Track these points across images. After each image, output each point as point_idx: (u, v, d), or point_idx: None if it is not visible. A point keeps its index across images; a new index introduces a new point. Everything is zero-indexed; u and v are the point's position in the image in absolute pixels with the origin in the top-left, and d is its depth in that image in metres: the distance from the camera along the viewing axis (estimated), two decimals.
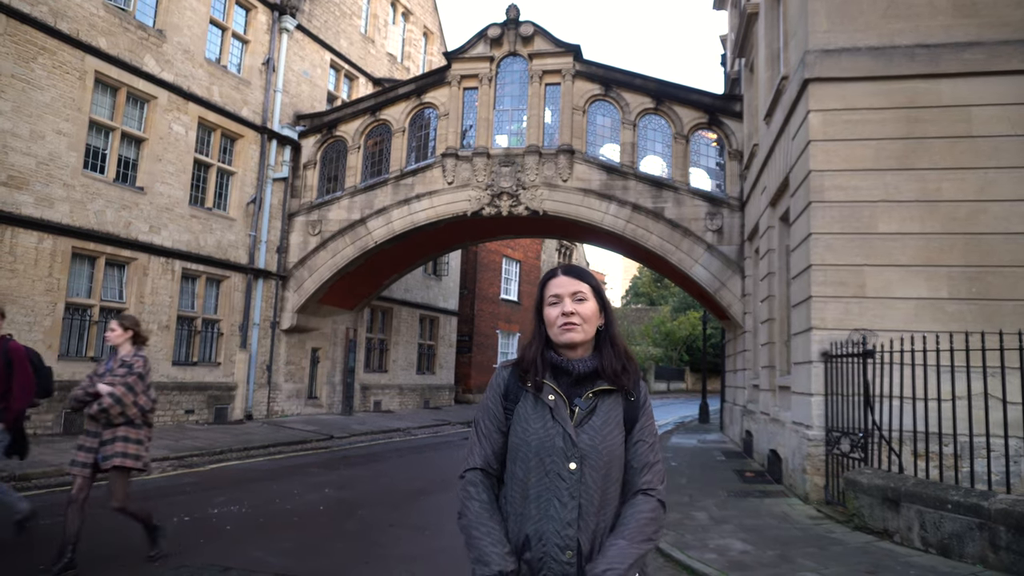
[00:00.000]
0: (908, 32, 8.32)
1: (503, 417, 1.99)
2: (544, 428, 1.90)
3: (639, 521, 1.88)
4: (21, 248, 11.55)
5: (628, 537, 1.84)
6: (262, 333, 16.74)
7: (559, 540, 1.84)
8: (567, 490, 1.85)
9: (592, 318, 1.98)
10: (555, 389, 1.94)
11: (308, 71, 18.24)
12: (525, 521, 1.88)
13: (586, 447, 1.88)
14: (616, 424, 1.94)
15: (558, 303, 1.97)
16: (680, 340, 52.59)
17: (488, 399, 2.04)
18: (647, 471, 1.95)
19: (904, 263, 7.98)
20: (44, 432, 11.82)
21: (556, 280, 2.00)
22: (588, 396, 1.94)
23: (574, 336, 1.94)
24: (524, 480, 1.90)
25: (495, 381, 2.05)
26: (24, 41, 11.48)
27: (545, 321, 1.99)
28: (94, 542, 5.69)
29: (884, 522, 6.49)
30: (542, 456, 1.88)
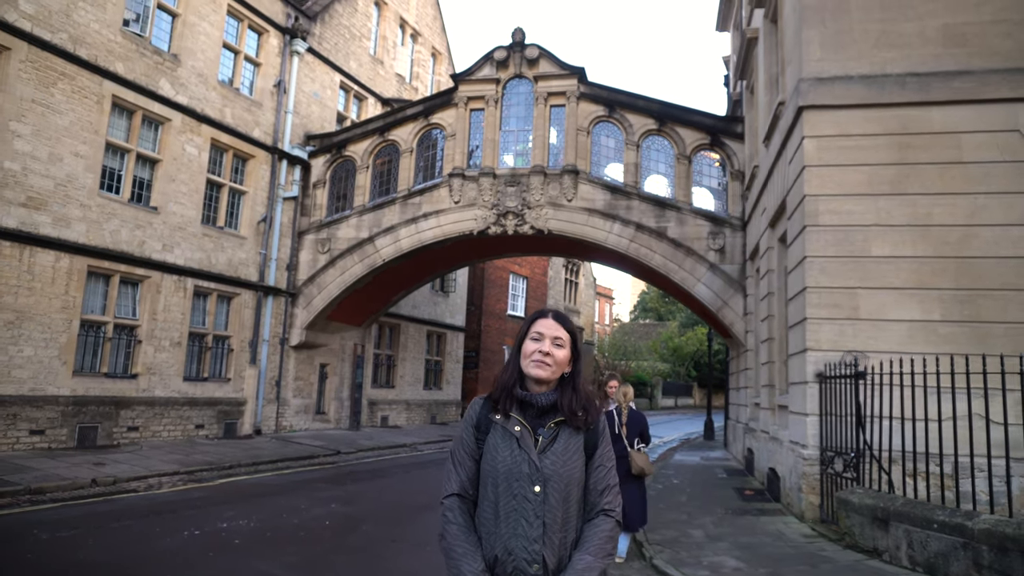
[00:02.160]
0: (899, 61, 8.55)
1: (475, 446, 2.22)
2: (511, 456, 2.13)
3: (601, 538, 2.12)
4: (39, 267, 11.89)
5: (593, 552, 2.09)
6: (271, 349, 17.02)
7: (526, 555, 2.06)
8: (532, 511, 2.08)
9: (563, 363, 2.22)
10: (521, 421, 2.18)
11: (318, 92, 18.65)
12: (496, 539, 2.10)
13: (549, 472, 2.11)
14: (576, 451, 2.18)
15: (539, 341, 2.21)
16: (688, 356, 52.54)
17: (463, 431, 2.28)
18: (607, 493, 2.19)
19: (897, 286, 8.16)
20: (58, 446, 12.10)
21: (544, 320, 2.25)
22: (550, 426, 2.18)
23: (542, 373, 2.18)
24: (495, 502, 2.13)
25: (469, 414, 2.30)
26: (45, 67, 11.89)
27: (522, 352, 2.23)
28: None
29: (874, 541, 6.63)
30: (510, 481, 2.11)
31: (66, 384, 12.32)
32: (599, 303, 58.35)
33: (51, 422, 12.06)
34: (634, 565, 6.72)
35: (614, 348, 52.44)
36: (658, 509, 9.25)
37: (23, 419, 11.65)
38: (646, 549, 7.02)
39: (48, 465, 10.49)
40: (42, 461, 10.75)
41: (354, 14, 20.02)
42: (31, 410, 11.76)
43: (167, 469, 11.08)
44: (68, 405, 12.32)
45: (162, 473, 10.83)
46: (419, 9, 23.41)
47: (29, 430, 11.73)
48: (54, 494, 9.07)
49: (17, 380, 11.60)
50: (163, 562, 6.01)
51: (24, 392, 11.68)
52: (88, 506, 8.43)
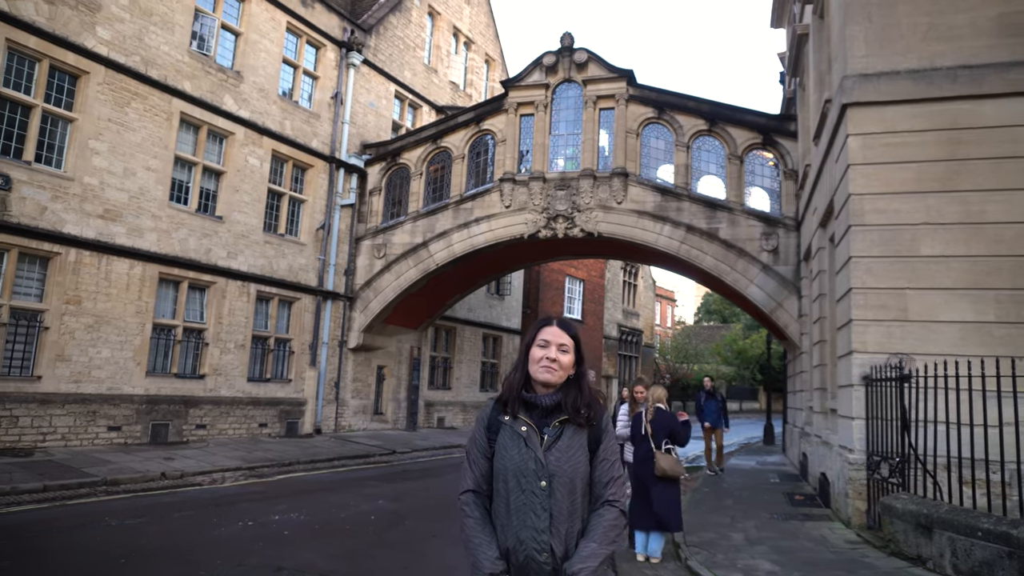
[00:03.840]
0: (950, 54, 8.27)
1: (487, 446, 2.41)
2: (519, 454, 2.32)
3: (605, 527, 2.29)
4: (115, 274, 12.74)
5: (597, 540, 2.26)
6: (330, 351, 17.64)
7: (536, 544, 2.24)
8: (540, 504, 2.26)
9: (568, 367, 2.40)
10: (527, 421, 2.36)
11: (374, 102, 19.24)
12: (509, 530, 2.29)
13: (554, 467, 2.29)
14: (580, 447, 2.34)
15: (546, 347, 2.38)
16: (752, 359, 51.19)
17: (476, 432, 2.47)
18: (612, 485, 2.36)
19: (948, 286, 7.89)
20: (133, 442, 12.92)
21: (550, 328, 2.42)
22: (555, 425, 2.35)
23: (551, 378, 2.37)
24: (506, 497, 2.32)
25: (480, 416, 2.49)
26: (120, 88, 12.75)
27: (530, 358, 2.41)
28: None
29: (918, 548, 6.46)
30: (519, 477, 2.29)
31: (140, 384, 13.14)
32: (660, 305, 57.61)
33: (127, 419, 12.90)
34: (669, 566, 6.76)
35: (676, 351, 51.68)
36: (701, 512, 9.22)
37: (102, 416, 12.50)
38: (683, 550, 7.03)
39: (123, 459, 11.23)
40: (118, 455, 11.52)
41: (408, 25, 20.56)
42: (109, 408, 12.61)
43: (230, 465, 11.68)
44: (142, 403, 13.14)
45: (225, 468, 11.43)
46: (472, 17, 23.82)
47: (107, 426, 12.57)
48: (127, 486, 9.72)
49: (97, 380, 12.45)
50: (216, 549, 6.42)
51: (103, 391, 12.53)
52: (155, 497, 9.02)
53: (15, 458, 10.51)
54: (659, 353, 48.85)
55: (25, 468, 9.79)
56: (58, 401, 11.82)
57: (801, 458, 13.55)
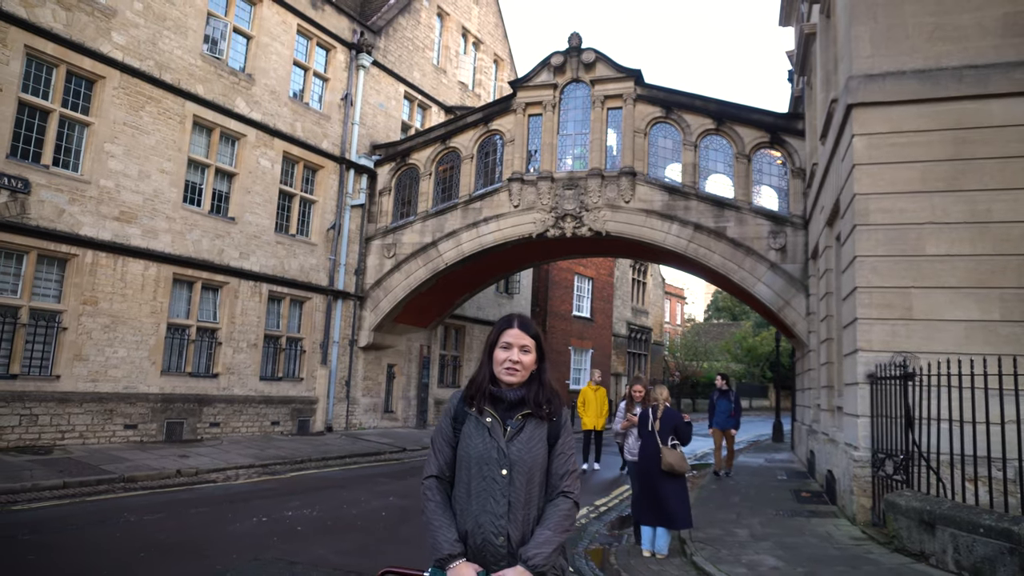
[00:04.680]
0: (956, 54, 8.31)
1: (452, 435, 2.55)
2: (483, 443, 2.46)
3: (560, 516, 2.42)
4: (130, 275, 12.96)
5: (552, 528, 2.39)
6: (341, 350, 17.83)
7: (494, 529, 2.37)
8: (500, 490, 2.40)
9: (530, 366, 2.54)
10: (492, 413, 2.50)
11: (383, 103, 19.40)
12: (468, 515, 2.43)
13: (515, 457, 2.43)
14: (540, 440, 2.49)
15: (508, 349, 2.52)
16: (762, 356, 51.11)
17: (442, 421, 2.61)
18: (567, 477, 2.49)
19: (953, 285, 7.94)
20: (149, 440, 13.15)
21: (511, 331, 2.55)
22: (518, 418, 2.50)
23: (513, 379, 2.52)
24: (468, 483, 2.45)
25: (447, 407, 2.62)
26: (134, 92, 12.97)
27: (493, 359, 2.55)
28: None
29: (921, 544, 6.54)
30: (481, 465, 2.44)
31: (155, 383, 13.37)
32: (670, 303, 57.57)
33: (142, 417, 13.13)
34: (674, 561, 6.86)
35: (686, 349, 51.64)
36: (707, 508, 9.31)
37: (118, 414, 12.73)
38: (688, 546, 7.14)
39: (139, 456, 11.45)
40: (134, 453, 11.74)
41: (417, 26, 20.71)
42: (125, 406, 12.84)
43: (243, 462, 11.88)
44: (157, 402, 13.37)
45: (239, 466, 11.62)
46: (481, 18, 23.94)
47: (124, 424, 12.81)
48: (144, 482, 9.93)
49: (113, 379, 12.69)
50: (231, 544, 6.59)
51: (119, 390, 12.77)
52: (172, 494, 9.21)
53: (35, 456, 10.74)
54: (668, 351, 48.82)
55: (45, 465, 10.02)
56: (76, 400, 12.06)
57: (809, 455, 13.61)
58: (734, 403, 13.24)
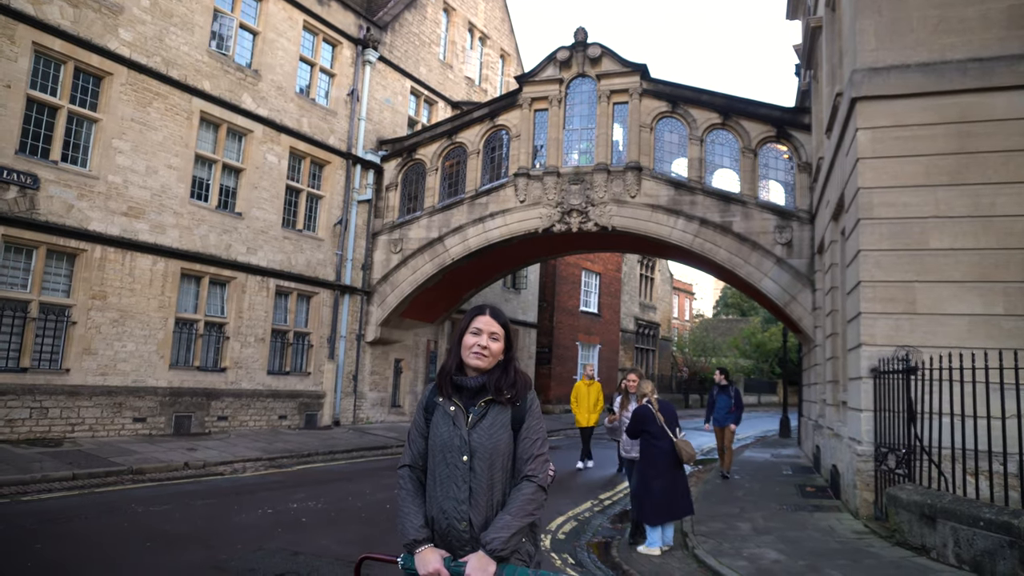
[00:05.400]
0: (960, 47, 8.26)
1: (425, 425, 2.62)
2: (448, 431, 2.52)
3: (522, 501, 2.44)
4: (139, 270, 13.08)
5: (513, 513, 2.42)
6: (348, 345, 17.93)
7: (456, 514, 2.44)
8: (461, 477, 2.46)
9: (498, 353, 2.59)
10: (456, 402, 2.56)
11: (390, 99, 19.44)
12: (434, 501, 2.50)
13: (476, 444, 2.49)
14: (503, 426, 2.53)
15: (478, 335, 2.57)
16: (771, 352, 50.92)
17: (416, 413, 2.68)
18: (532, 461, 2.52)
19: (957, 279, 7.92)
20: (157, 433, 13.28)
21: (482, 318, 2.61)
22: (480, 404, 2.54)
23: (480, 363, 2.56)
24: (435, 471, 2.53)
25: (420, 399, 2.70)
26: (142, 88, 13.07)
27: (463, 344, 2.60)
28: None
29: (922, 538, 6.54)
30: (445, 453, 2.50)
31: (163, 376, 13.50)
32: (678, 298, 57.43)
33: (151, 411, 13.26)
34: (676, 554, 6.90)
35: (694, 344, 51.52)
36: (711, 503, 9.34)
37: (127, 408, 12.87)
38: (690, 539, 7.17)
39: (148, 449, 11.58)
40: (143, 446, 11.87)
41: (423, 21, 20.72)
42: (134, 400, 12.97)
43: (251, 455, 12.00)
44: (166, 396, 13.50)
45: (246, 459, 11.74)
46: (487, 13, 23.92)
47: (133, 418, 12.95)
48: (152, 475, 10.06)
49: (122, 372, 12.82)
50: (236, 534, 6.67)
51: (128, 383, 12.90)
52: (179, 486, 9.32)
53: (46, 448, 10.89)
54: (676, 346, 48.74)
55: (55, 457, 10.16)
56: (86, 393, 12.20)
57: (815, 450, 13.59)
58: (734, 399, 12.42)
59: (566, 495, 10.02)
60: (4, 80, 11.13)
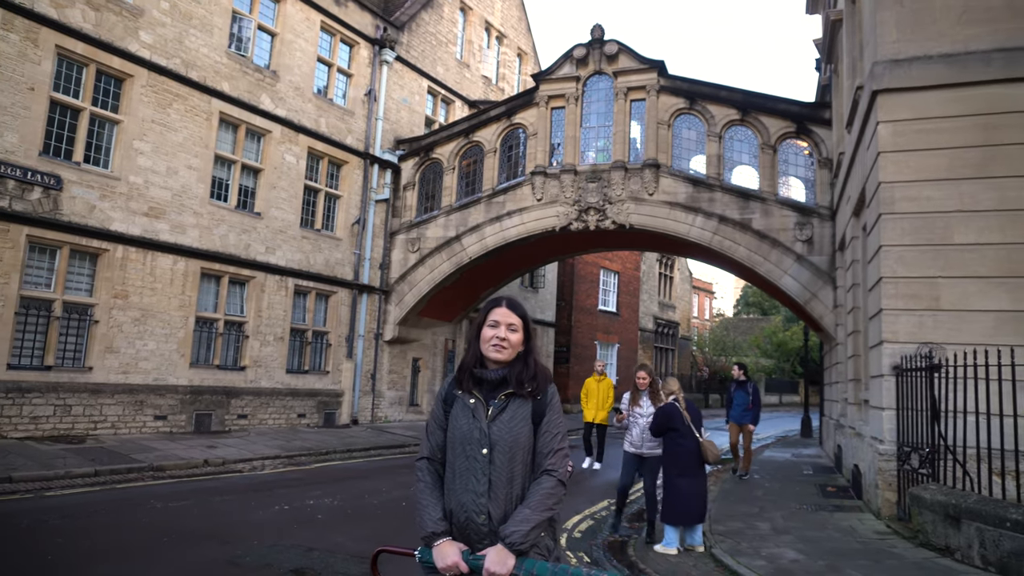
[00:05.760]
0: (985, 37, 8.07)
1: (443, 418, 2.59)
2: (468, 424, 2.49)
3: (542, 495, 2.41)
4: (160, 269, 13.24)
5: (532, 506, 2.39)
6: (366, 344, 18.00)
7: (475, 507, 2.42)
8: (480, 470, 2.44)
9: (517, 345, 2.56)
10: (476, 395, 2.53)
11: (407, 98, 19.50)
12: (453, 494, 2.47)
13: (495, 437, 2.45)
14: (523, 419, 2.49)
15: (496, 327, 2.55)
16: (793, 351, 50.35)
17: (435, 405, 2.65)
18: (552, 456, 2.48)
19: (983, 274, 7.74)
20: (178, 431, 13.43)
21: (499, 309, 2.58)
22: (501, 398, 2.52)
23: (500, 356, 2.53)
24: (453, 463, 2.50)
25: (440, 392, 2.66)
26: (162, 90, 13.22)
27: (481, 337, 2.57)
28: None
29: (946, 539, 6.40)
30: (464, 445, 2.47)
31: (184, 375, 13.65)
32: (697, 297, 57.01)
33: (172, 409, 13.41)
34: (693, 553, 6.81)
35: (714, 344, 51.11)
36: (729, 502, 9.23)
37: (149, 406, 13.03)
38: (707, 539, 7.08)
39: (168, 447, 11.71)
40: (164, 443, 12.01)
41: (440, 21, 20.76)
42: (155, 398, 13.13)
43: (269, 453, 12.08)
44: (186, 394, 13.64)
45: (265, 457, 11.82)
46: (504, 12, 23.90)
47: (154, 415, 13.10)
48: (172, 472, 10.16)
49: (143, 371, 12.98)
50: (253, 530, 6.71)
51: (149, 382, 13.06)
52: (198, 483, 9.41)
53: (69, 444, 11.05)
54: (696, 346, 48.36)
55: (78, 454, 10.30)
56: (108, 391, 12.36)
57: (836, 450, 13.39)
58: (752, 395, 11.91)
59: (583, 494, 9.97)
60: (28, 83, 11.32)
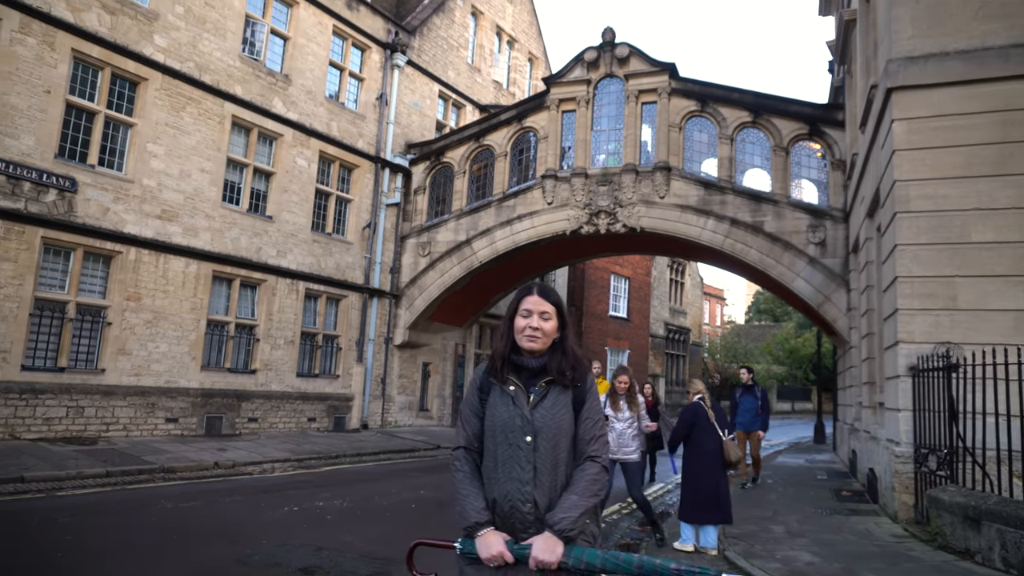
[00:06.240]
0: (1002, 32, 7.97)
1: (479, 406, 2.53)
2: (508, 412, 2.43)
3: (587, 481, 2.37)
4: (172, 272, 13.29)
5: (579, 493, 2.35)
6: (377, 348, 18.00)
7: (520, 496, 2.35)
8: (525, 457, 2.38)
9: (551, 333, 2.49)
10: (515, 382, 2.47)
11: (418, 102, 19.54)
12: (496, 483, 2.40)
13: (539, 424, 2.40)
14: (564, 406, 2.44)
15: (529, 317, 2.48)
16: (805, 358, 49.92)
17: (469, 394, 2.59)
18: (594, 442, 2.44)
19: (1001, 273, 7.61)
20: (189, 434, 13.44)
21: (531, 298, 2.51)
22: (541, 385, 2.46)
23: (534, 346, 2.47)
24: (494, 452, 2.43)
25: (473, 379, 2.60)
26: (175, 93, 13.31)
27: (514, 327, 2.51)
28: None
29: (966, 541, 6.27)
30: (506, 433, 2.41)
31: (195, 378, 13.67)
32: (709, 304, 56.73)
33: (183, 411, 13.44)
34: (706, 556, 6.71)
35: (726, 350, 50.76)
36: (743, 506, 9.09)
37: (160, 408, 13.06)
38: (721, 541, 6.97)
39: (179, 449, 11.72)
40: (175, 445, 12.02)
41: (451, 26, 20.82)
42: (166, 400, 13.16)
43: (279, 456, 12.07)
44: (197, 396, 13.67)
45: (275, 460, 11.81)
46: (515, 16, 23.95)
47: (165, 418, 13.13)
48: (182, 473, 10.15)
49: (155, 373, 13.02)
50: (262, 530, 6.68)
51: (161, 384, 13.09)
52: (208, 484, 9.40)
53: (81, 446, 11.08)
54: (708, 352, 48.07)
55: (90, 455, 10.32)
56: (120, 393, 12.40)
57: (851, 455, 13.22)
58: (760, 399, 11.48)
59: None
60: (45, 86, 11.43)
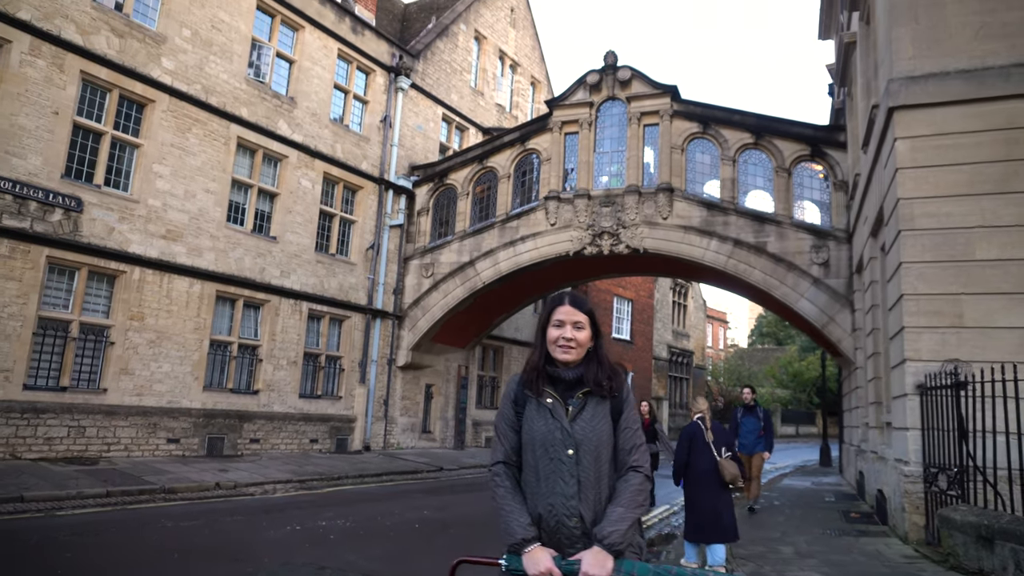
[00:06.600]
0: (1003, 52, 8.04)
1: (515, 419, 2.47)
2: (546, 425, 2.38)
3: (631, 492, 2.33)
4: (176, 292, 13.30)
5: (624, 504, 2.30)
6: (379, 369, 17.93)
7: (565, 510, 2.30)
8: (568, 471, 2.32)
9: (585, 343, 2.44)
10: (552, 394, 2.41)
11: (421, 125, 19.71)
12: (539, 497, 2.35)
13: (580, 436, 2.35)
14: (603, 417, 2.39)
15: (561, 327, 2.43)
16: (809, 381, 49.65)
17: (504, 407, 2.53)
18: (635, 451, 2.40)
19: (1007, 291, 7.59)
20: (190, 454, 13.34)
21: (563, 308, 2.46)
22: (579, 396, 2.41)
23: (568, 357, 2.42)
24: (535, 466, 2.38)
25: (507, 391, 2.55)
26: (182, 115, 13.44)
27: (547, 338, 2.46)
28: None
29: (979, 561, 6.16)
30: (547, 447, 2.36)
31: (197, 398, 13.61)
32: (711, 327, 56.58)
33: (185, 432, 13.35)
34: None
35: (729, 373, 50.52)
36: (751, 527, 8.98)
37: (162, 428, 12.98)
38: (729, 562, 6.87)
39: (181, 469, 11.63)
40: (176, 466, 11.93)
41: (455, 50, 21.07)
42: (168, 420, 13.08)
43: (281, 477, 11.96)
44: (199, 417, 13.59)
45: (277, 480, 11.70)
46: (518, 41, 24.24)
47: (167, 438, 13.04)
48: (183, 494, 10.05)
49: (157, 393, 12.96)
50: (263, 549, 6.59)
51: (163, 404, 13.03)
52: (210, 504, 9.30)
53: (82, 466, 10.99)
54: (711, 375, 47.84)
55: (90, 475, 10.24)
56: (122, 413, 12.34)
57: (858, 477, 13.08)
58: (763, 420, 11.23)
59: None
60: (53, 107, 11.55)
